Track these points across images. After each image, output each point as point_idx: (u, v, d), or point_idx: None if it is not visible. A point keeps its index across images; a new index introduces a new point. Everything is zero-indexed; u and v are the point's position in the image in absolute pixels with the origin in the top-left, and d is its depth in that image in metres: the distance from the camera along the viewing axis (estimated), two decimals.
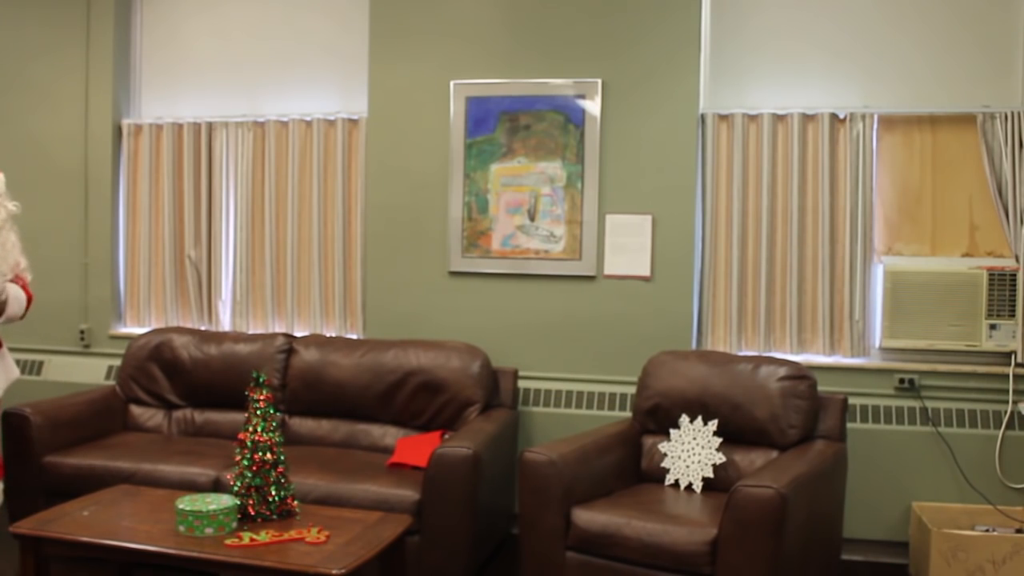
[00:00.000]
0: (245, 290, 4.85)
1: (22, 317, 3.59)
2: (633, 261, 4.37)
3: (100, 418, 4.37)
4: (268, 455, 3.09)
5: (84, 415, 4.28)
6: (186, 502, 2.97)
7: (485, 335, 4.45)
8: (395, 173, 4.61)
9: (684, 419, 3.81)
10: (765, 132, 4.29)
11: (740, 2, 4.42)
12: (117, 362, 4.77)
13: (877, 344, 4.25)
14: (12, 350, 5.05)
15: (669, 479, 3.76)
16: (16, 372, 3.71)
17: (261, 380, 3.17)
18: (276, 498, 3.09)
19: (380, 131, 4.62)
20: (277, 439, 3.13)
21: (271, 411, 3.14)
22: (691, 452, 3.74)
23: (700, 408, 3.81)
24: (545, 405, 4.44)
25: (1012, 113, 4.06)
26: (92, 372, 4.94)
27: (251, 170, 4.84)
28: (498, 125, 4.49)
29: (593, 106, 4.39)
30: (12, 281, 3.68)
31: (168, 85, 5.07)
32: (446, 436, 4.02)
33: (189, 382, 4.49)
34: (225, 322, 4.90)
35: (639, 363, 4.12)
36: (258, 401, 3.13)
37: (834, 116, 4.24)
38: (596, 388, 4.42)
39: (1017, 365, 4.07)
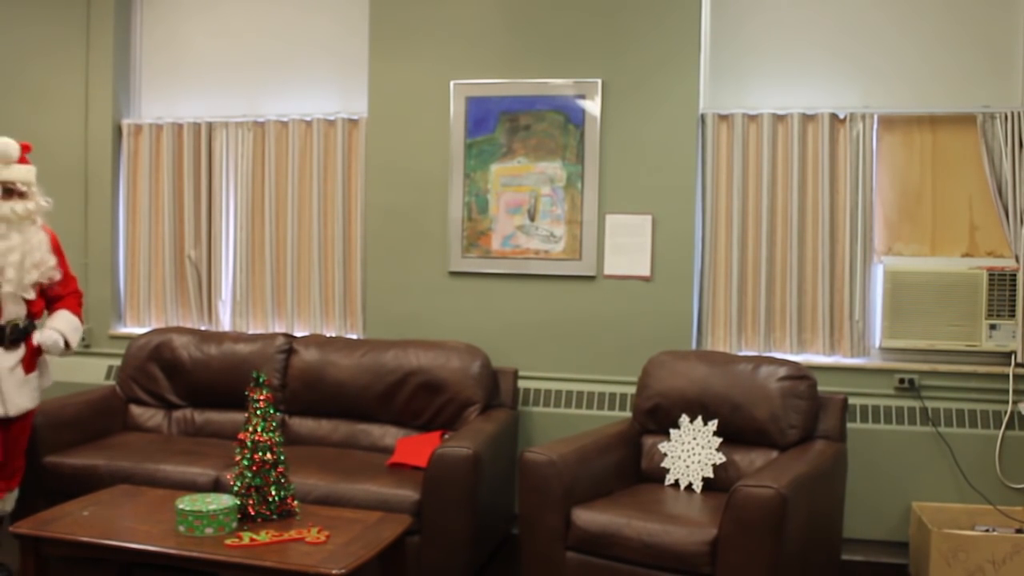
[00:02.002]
0: (245, 290, 4.84)
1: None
2: (633, 261, 4.37)
3: (100, 418, 4.37)
4: (268, 455, 3.09)
5: (84, 415, 4.28)
6: (186, 502, 2.97)
7: (485, 335, 4.45)
8: (395, 173, 4.61)
9: (684, 419, 3.81)
10: (765, 132, 4.29)
11: (740, 2, 4.42)
12: (117, 362, 4.77)
13: (877, 344, 4.25)
14: None
15: (669, 479, 3.76)
16: (51, 380, 3.86)
17: (261, 380, 3.17)
18: (276, 498, 3.09)
19: (380, 131, 4.62)
20: (277, 439, 3.13)
21: (271, 411, 3.14)
22: (691, 452, 3.74)
23: (700, 408, 3.81)
24: (545, 405, 4.44)
25: (1012, 113, 4.06)
26: (92, 372, 4.94)
27: (251, 170, 4.84)
28: (498, 125, 4.49)
29: (593, 106, 4.39)
30: (53, 294, 3.77)
31: (168, 85, 5.07)
32: (446, 436, 4.02)
33: (189, 382, 4.49)
34: (225, 322, 4.90)
35: (639, 363, 4.12)
36: (258, 401, 3.13)
37: (834, 116, 4.24)
38: (596, 388, 4.42)
39: (1017, 365, 4.07)
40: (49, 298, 3.81)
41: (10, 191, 3.59)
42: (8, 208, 3.54)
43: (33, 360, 3.69)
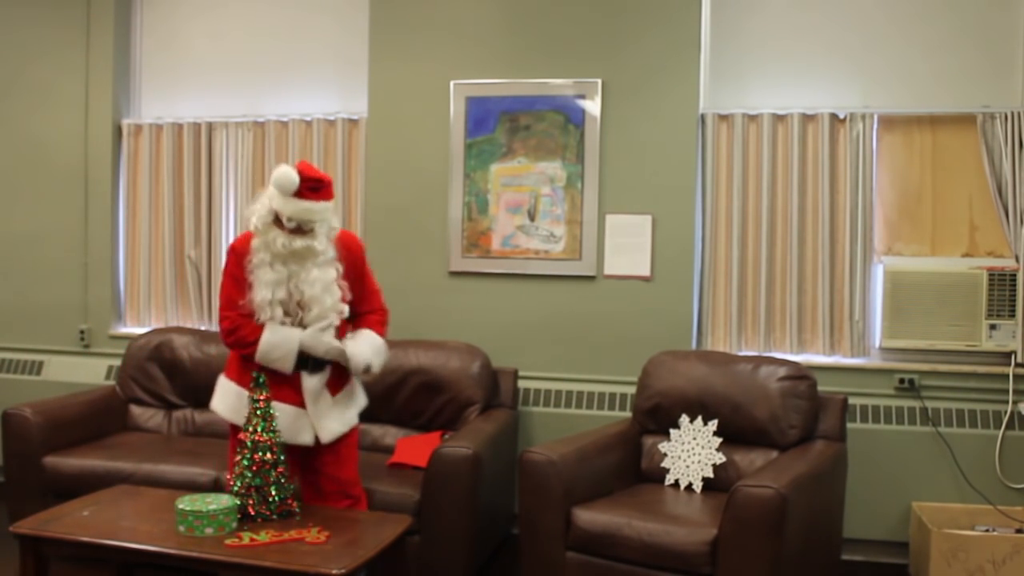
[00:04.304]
0: None
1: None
2: (633, 261, 4.37)
3: (100, 418, 4.36)
4: (268, 455, 3.08)
5: (84, 415, 4.27)
6: (186, 502, 2.97)
7: (485, 335, 4.44)
8: (395, 173, 4.61)
9: (684, 419, 3.81)
10: (765, 132, 4.29)
11: (740, 2, 4.42)
12: (117, 362, 4.77)
13: (877, 344, 4.25)
14: (12, 350, 5.11)
15: (669, 479, 3.76)
16: (364, 400, 3.58)
17: (261, 380, 3.17)
18: (276, 498, 3.09)
19: (380, 131, 4.62)
20: (277, 439, 3.13)
21: (271, 411, 3.14)
22: (691, 452, 3.74)
23: (700, 408, 3.81)
24: (545, 405, 4.44)
25: (1012, 113, 4.06)
26: (92, 372, 4.94)
27: (251, 170, 4.84)
28: (498, 125, 4.49)
29: (593, 106, 4.39)
30: (358, 310, 3.44)
31: (168, 85, 5.07)
32: (446, 436, 4.02)
33: (189, 382, 4.48)
34: None
35: (639, 363, 4.12)
36: (258, 401, 3.13)
37: (834, 116, 4.24)
38: (596, 388, 4.42)
39: (1017, 365, 4.07)
40: (353, 314, 3.43)
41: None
42: (273, 237, 3.17)
43: (340, 383, 3.42)
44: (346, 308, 3.31)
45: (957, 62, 4.23)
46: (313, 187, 3.16)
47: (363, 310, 3.48)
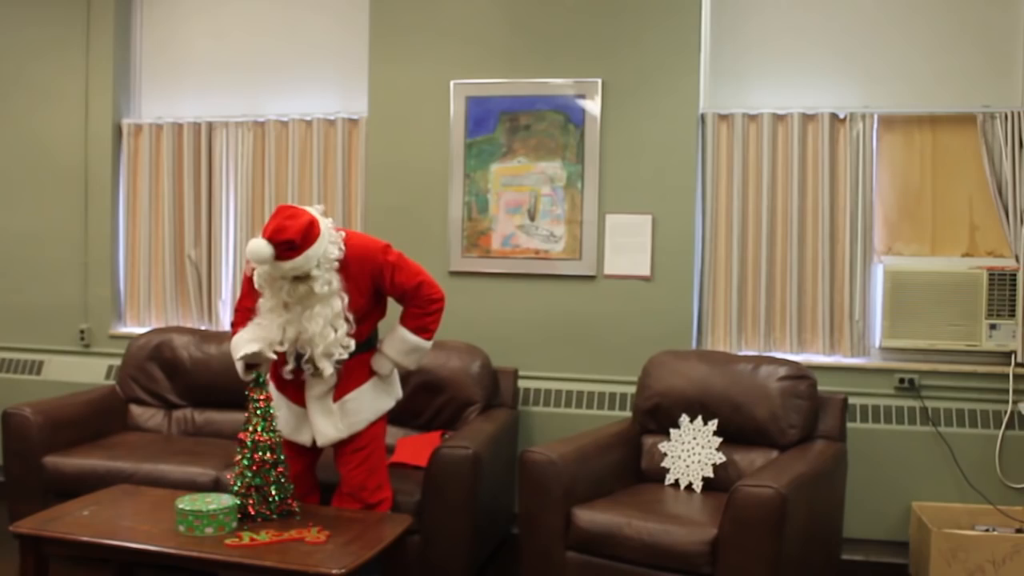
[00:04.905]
0: None
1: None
2: (633, 261, 4.37)
3: (100, 418, 4.36)
4: (268, 455, 3.09)
5: (84, 415, 4.27)
6: (186, 502, 2.97)
7: (485, 335, 4.44)
8: (395, 173, 4.61)
9: (684, 419, 3.81)
10: (765, 132, 4.29)
11: (740, 2, 4.42)
12: (117, 362, 4.77)
13: (877, 344, 4.25)
14: (12, 350, 5.12)
15: (669, 479, 3.76)
16: (392, 399, 3.59)
17: (261, 380, 3.17)
18: (276, 498, 3.09)
19: (380, 131, 4.62)
20: (277, 439, 3.13)
21: (271, 411, 3.14)
22: (691, 452, 3.74)
23: (700, 408, 3.81)
24: (545, 405, 4.44)
25: (1012, 113, 4.06)
26: (92, 372, 4.94)
27: (251, 170, 4.84)
28: (498, 125, 4.49)
29: (593, 106, 4.39)
30: (405, 303, 3.44)
31: (168, 85, 5.07)
32: (446, 436, 4.02)
33: (189, 382, 4.49)
34: (225, 322, 4.90)
35: (639, 363, 4.12)
36: (258, 401, 3.13)
37: (834, 116, 4.24)
38: (596, 388, 4.42)
39: (1017, 365, 4.07)
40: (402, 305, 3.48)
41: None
42: (278, 287, 3.22)
43: (345, 388, 3.40)
44: (352, 343, 3.29)
45: (957, 62, 4.23)
46: (288, 249, 3.09)
47: (410, 306, 3.45)
